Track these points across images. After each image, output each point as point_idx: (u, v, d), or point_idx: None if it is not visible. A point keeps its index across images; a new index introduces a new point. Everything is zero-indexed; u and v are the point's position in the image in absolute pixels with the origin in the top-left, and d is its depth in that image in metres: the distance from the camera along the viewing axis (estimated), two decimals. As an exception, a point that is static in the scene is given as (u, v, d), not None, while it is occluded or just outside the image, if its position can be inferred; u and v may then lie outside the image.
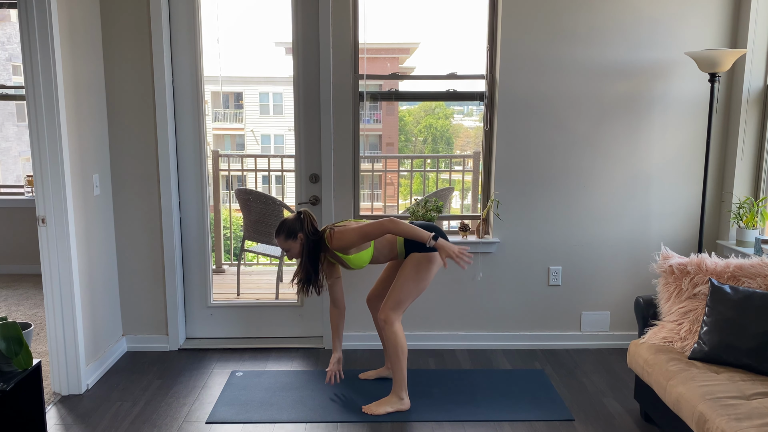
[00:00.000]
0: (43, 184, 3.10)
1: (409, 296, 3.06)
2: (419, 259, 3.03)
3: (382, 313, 3.06)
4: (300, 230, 3.02)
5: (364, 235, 2.95)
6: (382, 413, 3.06)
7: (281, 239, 3.06)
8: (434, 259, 3.04)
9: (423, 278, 3.05)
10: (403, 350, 3.05)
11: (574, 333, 3.93)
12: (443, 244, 2.89)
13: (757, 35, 3.57)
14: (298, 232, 3.02)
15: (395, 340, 3.04)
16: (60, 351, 3.24)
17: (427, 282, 3.07)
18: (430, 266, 3.05)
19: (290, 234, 3.03)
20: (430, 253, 3.02)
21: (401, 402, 3.10)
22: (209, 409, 3.14)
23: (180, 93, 3.72)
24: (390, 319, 3.05)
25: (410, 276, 3.03)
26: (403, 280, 3.04)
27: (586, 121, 3.72)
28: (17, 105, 13.11)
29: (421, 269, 3.03)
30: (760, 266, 2.81)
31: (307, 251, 3.04)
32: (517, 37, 3.63)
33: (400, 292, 3.04)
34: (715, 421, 2.24)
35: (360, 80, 3.72)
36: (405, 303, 3.07)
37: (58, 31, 3.04)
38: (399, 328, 3.06)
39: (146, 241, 3.75)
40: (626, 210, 3.82)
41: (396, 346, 3.04)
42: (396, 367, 3.08)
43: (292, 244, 3.04)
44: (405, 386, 3.11)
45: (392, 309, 3.05)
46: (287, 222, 3.06)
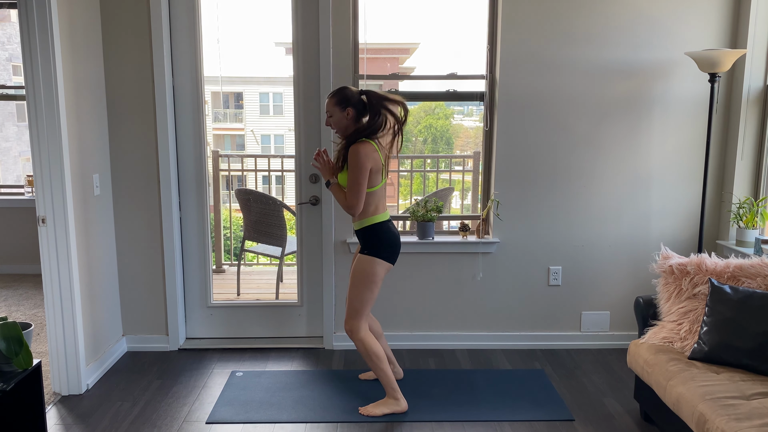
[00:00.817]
0: (43, 184, 3.10)
1: (364, 302, 3.00)
2: (364, 261, 2.98)
3: (346, 324, 3.04)
4: (352, 105, 2.91)
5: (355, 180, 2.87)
6: (378, 414, 3.06)
7: (331, 101, 2.93)
8: (379, 263, 2.97)
9: (372, 282, 2.98)
10: (377, 354, 3.02)
11: (574, 333, 3.93)
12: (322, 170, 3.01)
13: (757, 35, 3.57)
14: (348, 106, 2.91)
15: (364, 349, 3.02)
16: (60, 351, 3.24)
17: (377, 285, 3.00)
18: (375, 267, 2.97)
19: (341, 102, 2.92)
20: (374, 257, 2.97)
21: (397, 403, 3.09)
22: (209, 409, 3.14)
23: (180, 93, 3.72)
24: (354, 328, 3.01)
25: (359, 281, 2.98)
26: (354, 287, 3.00)
27: (586, 121, 3.72)
28: (17, 105, 13.12)
29: (367, 273, 2.97)
30: (760, 266, 2.81)
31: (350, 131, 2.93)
32: (517, 37, 3.63)
33: (354, 301, 3.01)
34: (715, 421, 2.24)
35: (360, 80, 3.72)
36: (363, 309, 3.02)
37: (58, 31, 3.04)
38: (365, 335, 3.03)
39: (146, 241, 3.75)
40: (626, 210, 3.82)
41: (368, 354, 3.02)
42: (377, 373, 3.05)
43: (337, 113, 2.92)
44: (396, 387, 3.09)
45: (352, 318, 3.02)
46: (347, 90, 2.95)
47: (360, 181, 2.87)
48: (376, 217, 2.99)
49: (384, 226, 3.00)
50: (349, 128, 2.95)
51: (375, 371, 3.06)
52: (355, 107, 2.93)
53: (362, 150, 2.86)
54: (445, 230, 4.07)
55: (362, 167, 2.86)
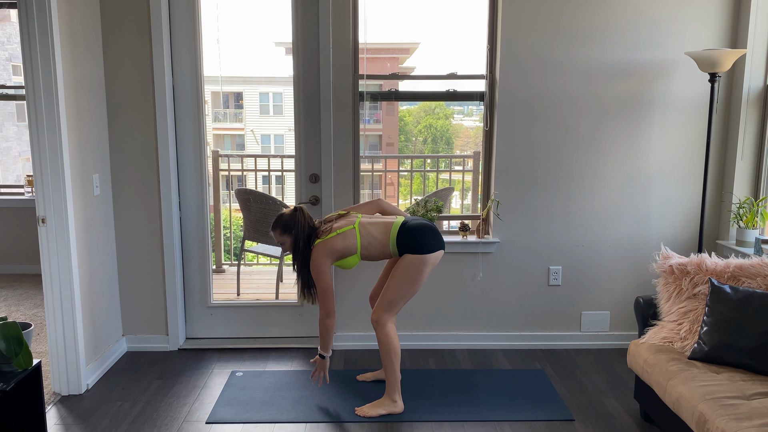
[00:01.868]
0: (43, 184, 3.10)
1: (401, 298, 3.02)
2: (412, 260, 2.98)
3: (374, 314, 3.04)
4: (293, 227, 3.03)
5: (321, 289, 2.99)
6: (374, 415, 3.05)
7: (277, 233, 3.07)
8: (427, 261, 2.99)
9: (415, 280, 3.00)
10: (396, 352, 3.03)
11: (574, 333, 3.93)
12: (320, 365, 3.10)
13: (757, 35, 3.57)
14: (292, 228, 3.03)
15: (387, 342, 3.02)
16: (60, 351, 3.24)
17: (419, 284, 3.03)
18: (423, 268, 2.99)
19: (286, 229, 3.04)
20: (423, 255, 2.98)
21: (394, 405, 3.08)
22: (209, 409, 3.14)
23: (180, 93, 3.72)
24: (382, 320, 3.02)
25: (402, 277, 2.99)
26: (395, 282, 3.01)
27: (587, 121, 3.72)
28: (17, 105, 13.12)
29: (413, 271, 2.98)
30: (760, 266, 2.81)
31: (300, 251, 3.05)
32: (517, 37, 3.63)
33: (392, 294, 3.01)
34: (715, 421, 2.24)
35: (360, 80, 3.72)
36: (397, 304, 3.04)
37: (58, 31, 3.04)
38: (391, 329, 3.04)
39: (146, 241, 3.75)
40: (626, 210, 3.82)
41: (388, 348, 3.02)
42: (388, 370, 3.06)
43: (287, 239, 3.05)
44: (398, 389, 3.09)
45: (384, 310, 3.02)
46: (284, 216, 3.06)
47: (325, 285, 2.98)
48: (396, 223, 3.03)
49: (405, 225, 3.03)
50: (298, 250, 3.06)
51: (387, 368, 3.05)
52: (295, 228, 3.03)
53: (314, 257, 2.99)
54: (445, 230, 4.07)
55: (321, 270, 2.97)
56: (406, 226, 3.03)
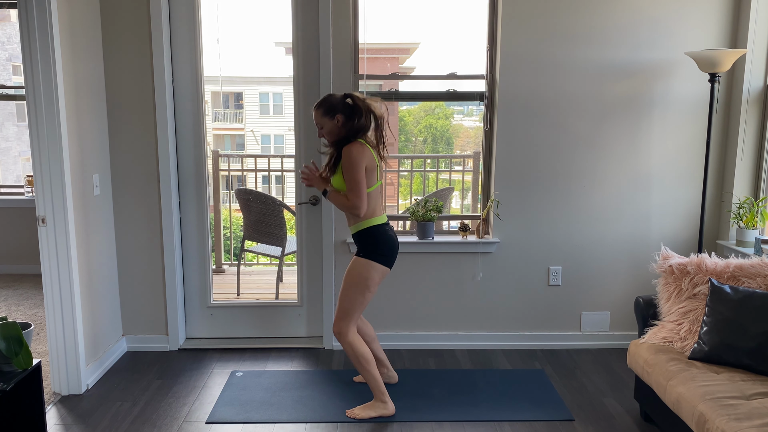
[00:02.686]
0: (43, 184, 3.10)
1: (355, 306, 2.97)
2: (360, 264, 2.95)
3: (335, 326, 3.00)
4: (341, 111, 2.90)
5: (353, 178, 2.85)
6: (365, 417, 3.03)
7: (318, 113, 2.92)
8: (377, 269, 2.94)
9: (365, 286, 2.95)
10: (366, 358, 3.00)
11: (574, 333, 3.93)
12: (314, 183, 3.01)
13: (757, 35, 3.57)
14: (337, 113, 2.91)
15: (353, 352, 2.99)
16: (60, 351, 3.24)
17: (370, 289, 2.97)
18: (371, 272, 2.94)
19: (328, 111, 2.91)
20: (370, 261, 2.93)
21: (385, 406, 3.06)
22: (209, 409, 3.14)
23: (180, 93, 3.72)
24: (342, 331, 2.99)
25: (352, 283, 2.95)
26: (346, 289, 2.97)
27: (586, 121, 3.72)
28: (17, 105, 13.11)
29: (361, 276, 2.94)
30: (760, 266, 2.81)
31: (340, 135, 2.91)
32: (517, 37, 3.63)
33: (345, 303, 2.98)
34: (715, 421, 2.24)
35: (360, 80, 3.72)
36: (354, 313, 2.99)
37: (58, 31, 3.04)
38: (353, 338, 3.00)
39: (146, 241, 3.75)
40: (626, 210, 3.82)
41: (356, 357, 2.99)
42: (365, 376, 3.03)
43: (327, 123, 2.91)
44: (383, 390, 3.07)
45: (342, 320, 2.99)
46: (331, 98, 2.94)
47: (358, 178, 2.85)
48: (373, 220, 2.96)
49: (381, 228, 2.97)
50: (341, 134, 2.94)
51: (362, 374, 3.04)
52: (343, 112, 2.91)
53: (354, 149, 2.86)
54: (445, 230, 4.07)
55: (358, 164, 2.84)
56: (385, 227, 2.99)
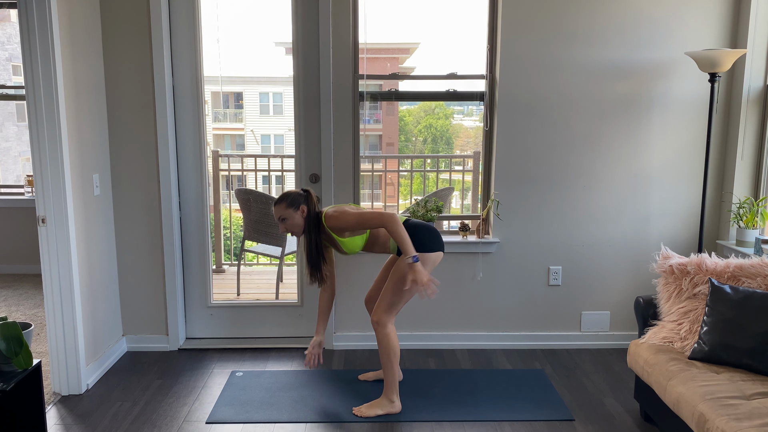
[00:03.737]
0: (43, 184, 3.10)
1: (401, 299, 3.02)
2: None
3: (375, 315, 3.04)
4: (303, 202, 3.00)
5: (362, 222, 2.94)
6: (372, 415, 3.05)
7: (281, 206, 3.01)
8: (426, 261, 3.00)
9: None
10: (395, 353, 3.03)
11: (574, 333, 3.93)
12: (417, 269, 2.85)
13: (757, 35, 3.57)
14: (301, 204, 3.00)
15: (387, 343, 3.02)
16: (60, 351, 3.24)
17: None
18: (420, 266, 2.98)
19: (293, 203, 3.00)
20: (422, 254, 2.99)
21: (392, 405, 3.08)
22: (209, 409, 3.14)
23: (180, 93, 3.72)
24: (382, 321, 3.02)
25: (402, 278, 2.98)
26: (395, 283, 3.00)
27: (586, 121, 3.72)
28: (17, 105, 13.11)
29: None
30: (760, 266, 2.81)
31: (308, 225, 3.01)
32: (517, 37, 3.63)
33: (392, 295, 3.01)
34: (715, 421, 2.24)
35: (360, 80, 3.72)
36: (397, 305, 3.04)
37: (58, 31, 3.04)
38: (391, 330, 3.03)
39: (146, 241, 3.75)
40: (626, 210, 3.82)
41: (388, 349, 3.02)
42: (387, 371, 3.06)
43: (293, 215, 3.00)
44: (396, 389, 3.09)
45: (384, 311, 3.02)
46: (291, 193, 3.05)
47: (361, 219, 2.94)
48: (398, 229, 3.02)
49: (408, 223, 3.04)
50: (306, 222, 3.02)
51: (386, 368, 3.05)
52: (305, 203, 3.01)
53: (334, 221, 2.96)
54: (445, 230, 4.07)
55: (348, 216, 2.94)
56: (408, 223, 3.05)
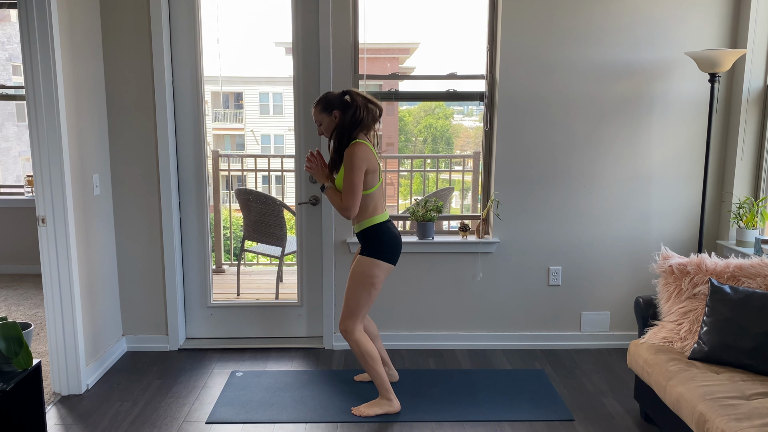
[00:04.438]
0: (43, 184, 3.10)
1: (361, 304, 2.99)
2: (365, 263, 2.97)
3: (341, 324, 3.02)
4: (339, 107, 2.93)
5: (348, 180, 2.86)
6: (371, 415, 3.05)
7: (316, 110, 2.97)
8: (382, 267, 2.96)
9: (371, 284, 2.96)
10: (371, 356, 3.01)
11: (574, 333, 3.93)
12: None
13: (757, 35, 3.57)
14: (334, 109, 2.94)
15: (359, 350, 3.01)
16: (60, 351, 3.24)
17: (376, 287, 2.98)
18: (374, 269, 2.96)
19: (327, 107, 2.95)
20: (375, 259, 2.95)
21: (390, 404, 3.08)
22: (209, 409, 3.14)
23: (180, 93, 3.72)
24: (349, 329, 3.00)
25: (358, 282, 2.97)
26: (352, 287, 2.99)
27: (586, 121, 3.72)
28: (17, 105, 13.11)
29: (366, 274, 2.96)
30: (760, 266, 2.81)
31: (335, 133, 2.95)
32: (517, 37, 3.63)
33: (351, 302, 2.99)
34: (715, 422, 2.24)
35: (360, 80, 3.72)
36: (360, 311, 3.00)
37: (58, 31, 3.04)
38: (360, 335, 3.02)
39: (146, 241, 3.75)
40: (626, 210, 3.82)
41: (362, 355, 3.01)
42: (371, 374, 3.05)
43: (325, 119, 2.95)
44: (389, 387, 3.09)
45: (348, 318, 3.01)
46: (329, 95, 2.98)
47: (355, 182, 2.87)
48: (376, 218, 2.99)
49: (384, 226, 3.00)
50: (339, 130, 2.95)
51: (369, 372, 3.06)
52: (340, 108, 2.94)
53: (357, 151, 2.87)
54: (445, 230, 4.07)
55: (357, 168, 2.86)
56: (387, 225, 3.01)
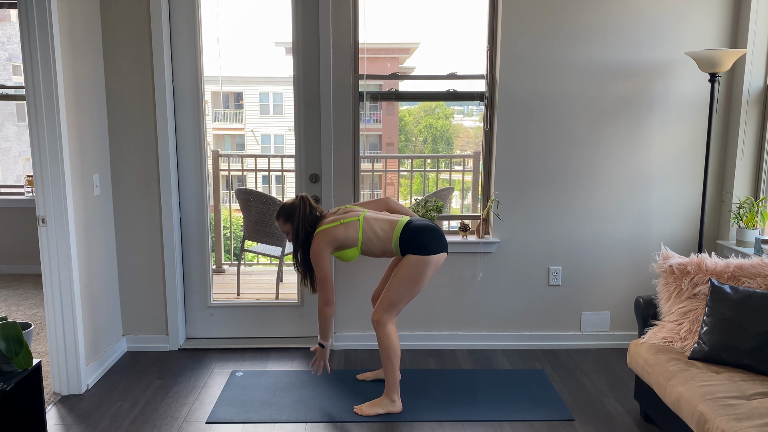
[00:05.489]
0: (43, 184, 3.10)
1: (402, 299, 3.01)
2: (414, 261, 2.97)
3: (375, 314, 3.03)
4: (294, 216, 3.07)
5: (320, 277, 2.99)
6: (373, 414, 3.05)
7: (280, 222, 3.12)
8: (429, 263, 2.97)
9: (417, 281, 2.98)
10: (396, 353, 3.02)
11: (574, 333, 3.93)
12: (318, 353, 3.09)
13: (757, 35, 3.57)
14: (293, 217, 3.07)
15: (387, 342, 3.02)
16: (60, 351, 3.24)
17: (421, 285, 3.01)
18: (425, 269, 2.97)
19: (288, 218, 3.08)
20: (425, 256, 2.96)
21: (393, 404, 3.08)
22: (209, 409, 3.14)
23: (180, 93, 3.72)
24: (382, 321, 3.01)
25: (404, 278, 2.98)
26: (397, 283, 3.00)
27: (586, 121, 3.72)
28: (17, 105, 13.12)
29: (415, 272, 2.97)
30: (760, 266, 2.81)
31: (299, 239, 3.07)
32: (517, 37, 3.63)
33: (393, 295, 3.00)
34: (715, 421, 2.24)
35: (360, 80, 3.72)
36: (399, 305, 3.03)
37: (58, 31, 3.04)
38: (392, 330, 3.03)
39: (146, 241, 3.75)
40: (626, 210, 3.82)
41: (388, 348, 3.02)
42: (388, 370, 3.06)
43: (290, 228, 3.09)
44: (397, 389, 3.09)
45: (385, 311, 3.02)
46: (286, 205, 3.11)
47: (322, 275, 2.98)
48: (397, 228, 3.01)
49: (411, 225, 3.02)
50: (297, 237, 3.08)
51: (386, 368, 3.05)
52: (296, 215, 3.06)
53: (315, 243, 3.00)
54: (446, 230, 4.06)
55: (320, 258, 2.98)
56: (410, 225, 3.02)
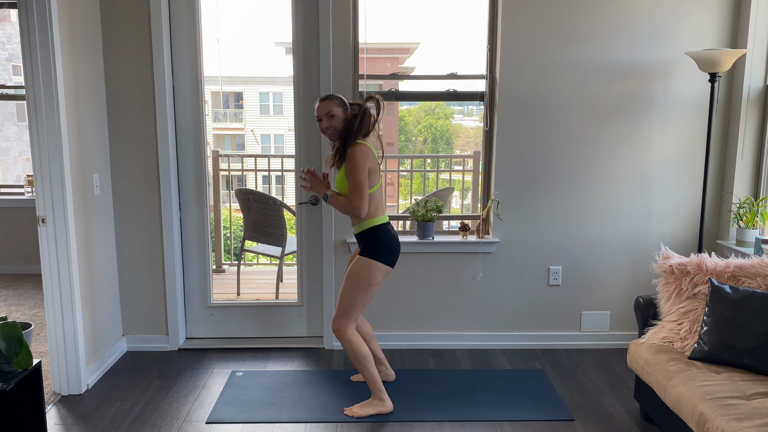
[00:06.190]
0: (43, 184, 3.10)
1: (356, 304, 2.99)
2: (363, 263, 2.96)
3: (334, 323, 3.02)
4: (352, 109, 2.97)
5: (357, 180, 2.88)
6: (364, 415, 3.04)
7: (333, 102, 2.96)
8: (380, 269, 2.97)
9: (368, 284, 2.96)
10: (364, 356, 3.01)
11: (574, 333, 3.93)
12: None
13: (757, 35, 3.57)
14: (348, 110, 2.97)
15: (351, 349, 3.01)
16: (60, 351, 3.24)
17: (373, 289, 2.99)
18: (373, 271, 2.96)
19: (344, 104, 2.97)
20: (373, 260, 2.95)
21: (383, 404, 3.07)
22: (209, 409, 3.14)
23: (180, 93, 3.72)
24: (341, 329, 3.00)
25: (354, 282, 2.97)
26: (349, 287, 2.98)
27: (586, 121, 3.73)
28: (17, 105, 13.13)
29: (364, 275, 2.96)
30: (760, 266, 2.81)
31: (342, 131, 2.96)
32: (517, 37, 3.63)
33: (346, 300, 2.99)
34: (715, 421, 2.24)
35: (360, 80, 3.72)
36: (354, 311, 3.00)
37: (58, 31, 3.04)
38: (352, 335, 3.01)
39: (146, 241, 3.75)
40: (626, 210, 3.82)
41: (354, 355, 3.01)
42: (363, 373, 3.05)
43: (341, 114, 2.95)
44: (381, 387, 3.08)
45: (341, 317, 3.00)
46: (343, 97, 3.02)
47: (362, 180, 2.88)
48: (375, 220, 2.99)
49: (383, 228, 3.00)
50: (348, 128, 2.96)
51: (361, 371, 3.05)
52: (352, 110, 2.98)
53: (359, 151, 2.89)
54: (445, 230, 4.07)
55: (362, 167, 2.88)
56: (387, 227, 3.02)
